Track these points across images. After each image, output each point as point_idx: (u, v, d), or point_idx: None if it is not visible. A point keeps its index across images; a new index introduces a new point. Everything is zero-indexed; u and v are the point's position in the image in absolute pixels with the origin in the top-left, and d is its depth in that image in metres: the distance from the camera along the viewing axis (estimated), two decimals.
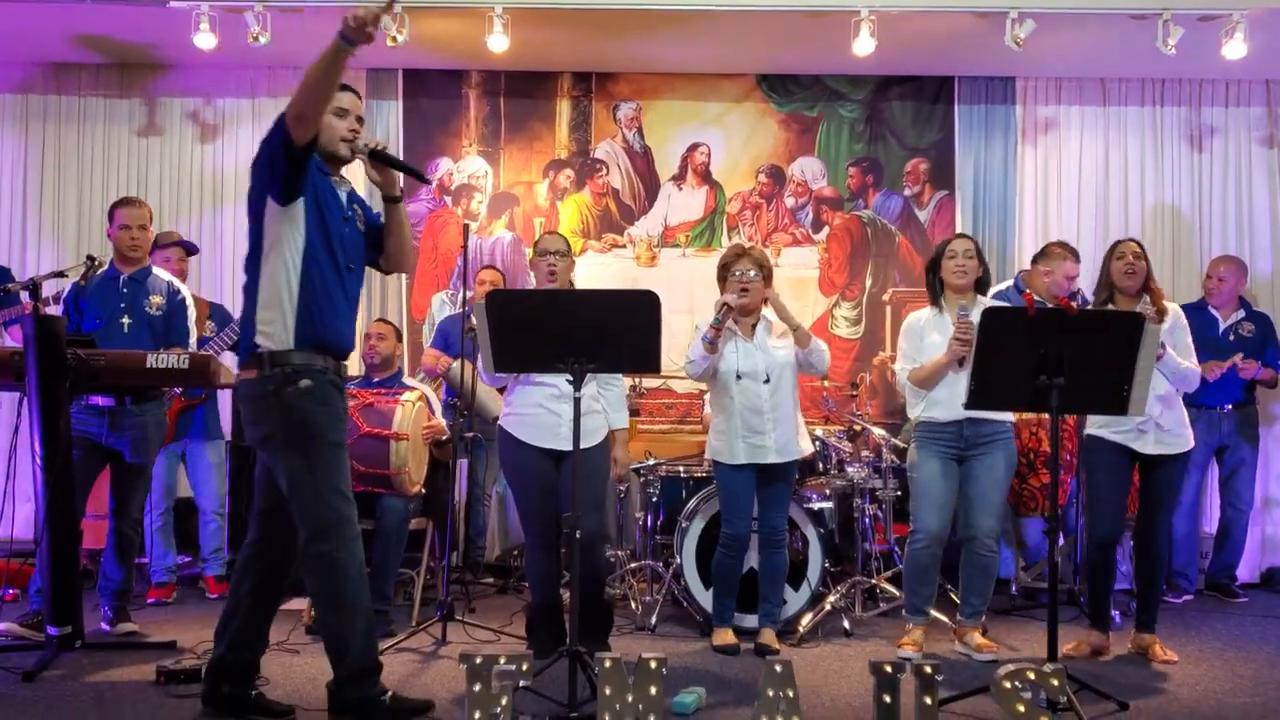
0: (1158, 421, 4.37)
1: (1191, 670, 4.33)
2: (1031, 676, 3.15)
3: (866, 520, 5.40)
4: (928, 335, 4.49)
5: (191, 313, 4.95)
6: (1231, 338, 5.94)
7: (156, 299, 4.84)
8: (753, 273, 4.52)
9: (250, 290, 3.37)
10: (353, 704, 3.34)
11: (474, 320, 3.88)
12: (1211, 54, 5.79)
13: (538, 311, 3.49)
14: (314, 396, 3.30)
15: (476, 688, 3.10)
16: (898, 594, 5.05)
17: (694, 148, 6.88)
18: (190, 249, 5.78)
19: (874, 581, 5.32)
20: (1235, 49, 5.68)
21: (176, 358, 4.21)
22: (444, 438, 5.04)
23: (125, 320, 4.76)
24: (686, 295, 6.50)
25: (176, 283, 4.99)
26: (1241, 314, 6.09)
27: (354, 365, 6.05)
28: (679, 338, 5.17)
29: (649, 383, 6.22)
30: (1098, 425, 4.47)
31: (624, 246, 6.85)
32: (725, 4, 5.70)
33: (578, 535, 3.51)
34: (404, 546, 4.92)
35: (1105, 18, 5.75)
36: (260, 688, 3.55)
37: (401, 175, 3.61)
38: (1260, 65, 6.33)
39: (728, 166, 6.87)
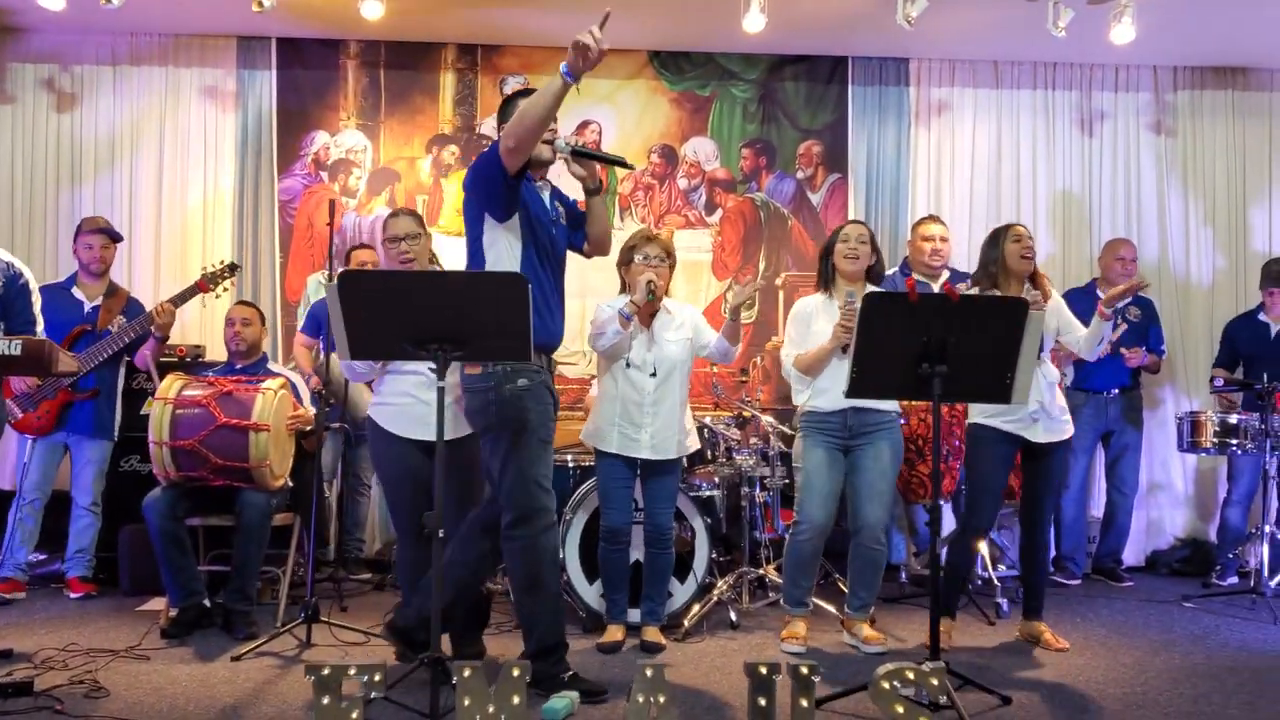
0: (1047, 409, 4.33)
1: (1076, 660, 4.29)
2: (910, 676, 3.04)
3: (757, 509, 5.29)
4: (815, 322, 4.38)
5: (35, 297, 4.56)
6: (1119, 321, 5.93)
7: None
8: (660, 259, 4.40)
9: None
10: (535, 678, 3.44)
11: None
12: (1101, 38, 5.78)
13: (395, 295, 3.24)
14: (530, 395, 3.57)
15: (325, 700, 2.88)
16: None
17: (584, 125, 6.67)
18: (114, 236, 5.43)
19: (762, 572, 5.21)
20: (1123, 33, 5.66)
21: (8, 343, 3.86)
22: (309, 428, 4.77)
23: None
24: (578, 278, 6.22)
25: (18, 264, 4.61)
26: (1128, 298, 6.10)
27: (217, 351, 5.77)
28: (570, 321, 4.96)
29: None
30: (986, 414, 4.40)
31: None
32: None
33: (440, 535, 3.28)
34: (266, 543, 4.64)
35: None
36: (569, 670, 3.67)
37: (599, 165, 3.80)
38: (1148, 51, 6.36)
39: (619, 145, 6.66)
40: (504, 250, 3.58)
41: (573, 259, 3.91)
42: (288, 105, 6.49)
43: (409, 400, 4.00)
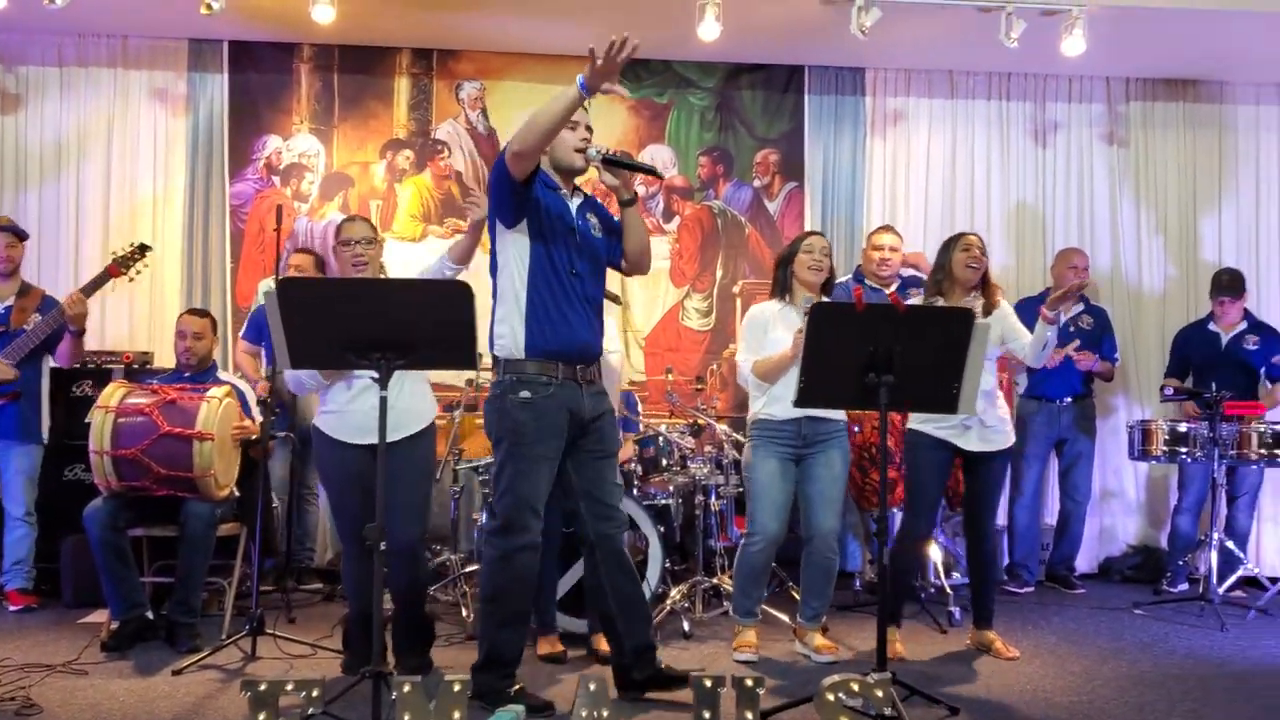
0: (981, 418, 4.33)
1: (1024, 668, 4.30)
2: (856, 687, 3.02)
3: (713, 517, 5.28)
4: (772, 329, 4.36)
5: None
6: (1071, 330, 5.99)
7: None
8: None
9: (493, 301, 3.65)
10: (479, 690, 3.49)
11: None
12: (1054, 49, 5.81)
13: (336, 303, 3.19)
14: (530, 408, 3.52)
15: (261, 716, 2.82)
16: None
17: None
18: (20, 234, 5.32)
19: (716, 581, 5.19)
20: (1074, 45, 5.70)
21: None
22: (255, 437, 4.69)
23: None
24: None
25: None
26: (1081, 307, 6.16)
27: (166, 358, 5.68)
28: None
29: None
30: (920, 420, 4.41)
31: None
32: None
33: (382, 546, 3.23)
34: (210, 554, 4.56)
35: (951, 9, 5.71)
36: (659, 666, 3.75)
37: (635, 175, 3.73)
38: (1101, 62, 6.41)
39: None
40: (512, 256, 3.56)
41: None
42: (239, 109, 6.40)
43: (354, 407, 3.94)
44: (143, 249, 5.19)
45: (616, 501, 3.75)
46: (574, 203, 3.67)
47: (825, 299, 4.38)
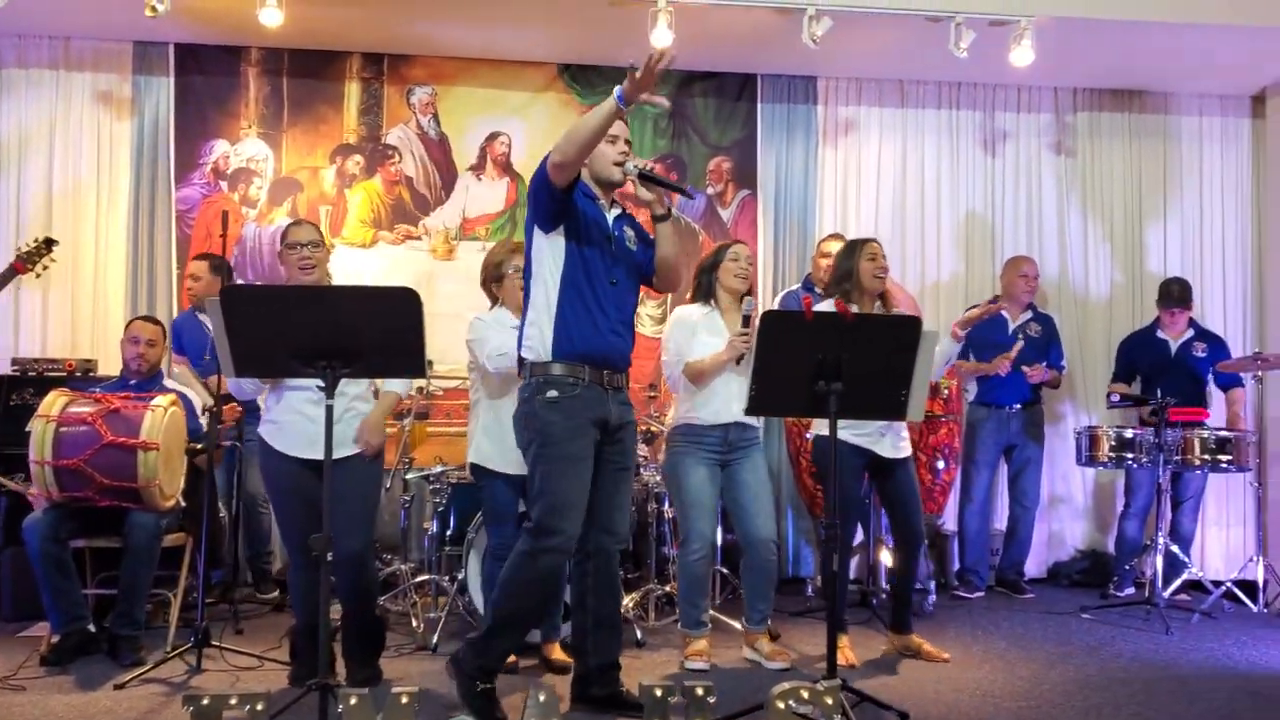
0: (893, 424, 4.42)
1: (973, 673, 4.33)
2: (805, 695, 3.02)
3: (665, 525, 5.27)
4: (699, 334, 4.39)
5: None
6: (1020, 338, 6.05)
7: None
8: None
9: (524, 304, 3.68)
10: (459, 666, 3.57)
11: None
12: (1003, 60, 5.87)
13: (281, 311, 3.15)
14: (558, 408, 3.52)
15: None
16: None
17: (494, 137, 6.60)
18: None
19: (669, 588, 5.18)
20: (1023, 55, 5.77)
21: None
22: (198, 446, 4.62)
23: None
24: (466, 296, 6.10)
25: None
26: (1029, 315, 6.23)
27: (109, 365, 5.58)
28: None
29: (445, 382, 5.91)
30: (822, 426, 4.44)
31: (419, 238, 6.50)
32: None
33: (329, 557, 3.19)
34: (155, 565, 4.48)
35: (901, 19, 5.75)
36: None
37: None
38: (1048, 73, 6.49)
39: (530, 158, 6.61)
40: (547, 261, 3.59)
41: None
42: (186, 112, 6.30)
43: (298, 418, 3.88)
44: (49, 243, 5.05)
45: (624, 519, 3.79)
46: (611, 214, 3.71)
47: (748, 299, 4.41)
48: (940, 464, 5.49)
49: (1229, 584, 5.73)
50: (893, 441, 4.45)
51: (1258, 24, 5.78)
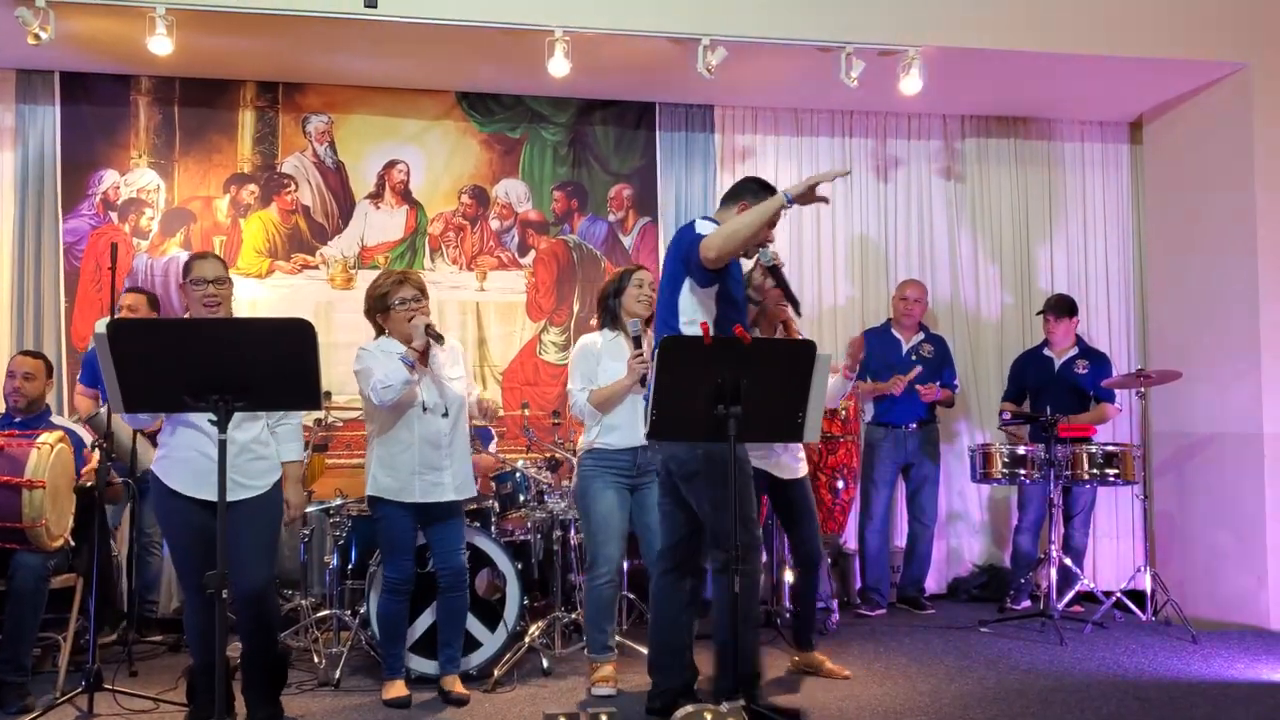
0: (787, 446, 4.52)
1: (876, 690, 4.41)
2: (709, 717, 3.06)
3: (572, 552, 5.27)
4: (604, 360, 4.43)
5: None
6: (913, 358, 6.21)
7: None
8: (418, 299, 4.33)
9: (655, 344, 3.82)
10: (747, 699, 3.54)
11: None
12: (893, 89, 6.03)
13: (172, 344, 3.08)
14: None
15: None
16: None
17: (391, 165, 6.56)
18: None
19: (575, 616, 5.17)
20: (911, 84, 5.93)
21: None
22: (89, 484, 4.48)
23: None
24: (351, 328, 5.99)
25: None
26: (921, 336, 6.39)
27: None
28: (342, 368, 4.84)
29: (344, 413, 5.83)
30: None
31: (316, 267, 6.42)
32: (417, 16, 5.43)
33: (224, 595, 3.12)
34: (42, 608, 4.32)
35: (793, 49, 5.87)
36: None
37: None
38: (937, 101, 6.69)
39: (428, 186, 6.59)
40: (700, 303, 3.91)
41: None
42: (73, 142, 6.13)
43: (194, 455, 3.78)
44: None
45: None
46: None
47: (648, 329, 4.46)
48: (840, 484, 5.61)
49: (1119, 594, 5.91)
50: (788, 462, 4.53)
51: (1133, 55, 6.03)
